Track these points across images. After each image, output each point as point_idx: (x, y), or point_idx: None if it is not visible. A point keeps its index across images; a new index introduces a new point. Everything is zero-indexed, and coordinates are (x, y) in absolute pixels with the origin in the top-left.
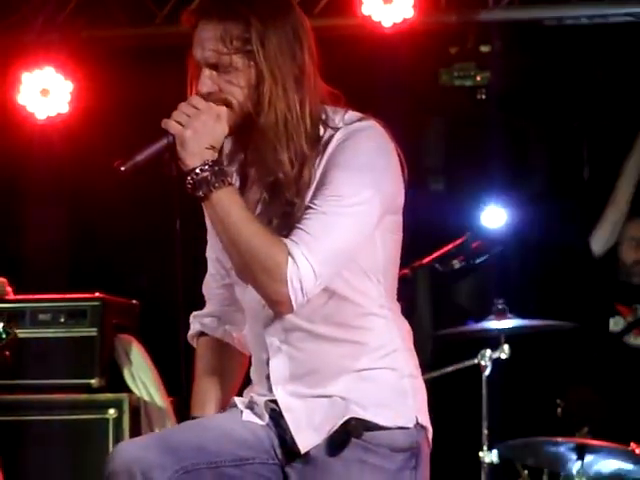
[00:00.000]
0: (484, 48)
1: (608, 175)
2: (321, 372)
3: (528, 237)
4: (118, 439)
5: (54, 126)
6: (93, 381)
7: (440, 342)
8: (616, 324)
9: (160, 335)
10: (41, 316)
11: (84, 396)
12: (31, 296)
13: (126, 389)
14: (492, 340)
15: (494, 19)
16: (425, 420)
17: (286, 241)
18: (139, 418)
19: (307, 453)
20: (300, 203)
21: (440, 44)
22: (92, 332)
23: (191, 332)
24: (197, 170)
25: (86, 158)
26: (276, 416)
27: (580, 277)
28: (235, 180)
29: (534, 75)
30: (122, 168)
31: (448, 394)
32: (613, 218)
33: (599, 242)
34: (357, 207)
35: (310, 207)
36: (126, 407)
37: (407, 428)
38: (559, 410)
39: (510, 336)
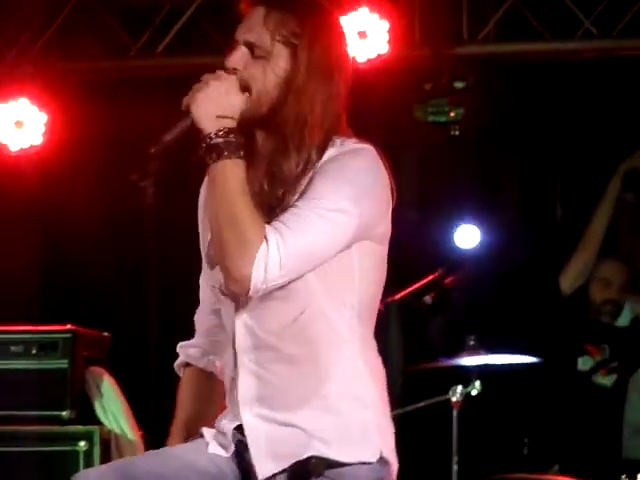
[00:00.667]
0: (458, 84)
1: (580, 214)
2: (287, 396)
3: (500, 271)
4: None
5: (27, 158)
6: (64, 413)
7: (411, 377)
8: (584, 363)
9: (131, 367)
10: (12, 348)
11: (55, 428)
12: (2, 327)
13: (97, 421)
14: (463, 376)
15: (468, 54)
16: (390, 454)
17: (268, 226)
18: (110, 451)
19: None
20: (288, 202)
21: (414, 80)
22: (63, 364)
23: (177, 362)
24: (211, 135)
25: (59, 190)
26: (242, 448)
27: (550, 315)
28: None
29: (508, 111)
30: (152, 150)
31: (418, 430)
32: (583, 258)
33: (568, 281)
34: (334, 214)
35: (292, 206)
36: (97, 439)
37: (370, 463)
38: (525, 448)
39: (481, 372)
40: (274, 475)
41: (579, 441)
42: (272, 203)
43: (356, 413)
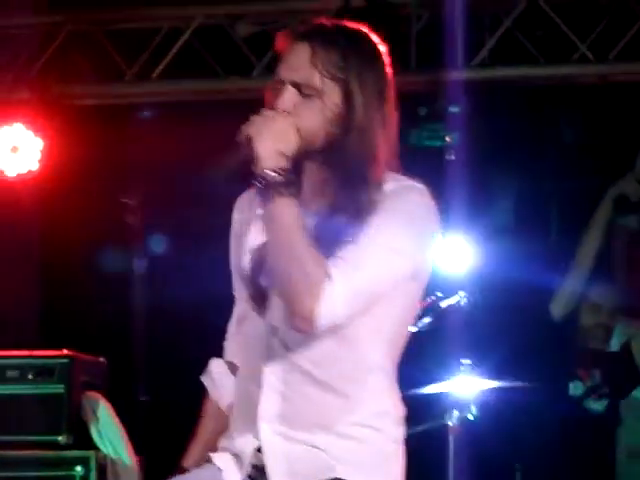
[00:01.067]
0: (454, 108)
1: (575, 238)
2: (312, 419)
3: (494, 293)
4: None
5: (24, 183)
6: (60, 438)
7: (406, 403)
8: (575, 388)
9: (127, 393)
10: (9, 372)
11: (51, 453)
12: None
13: (93, 446)
14: (458, 401)
15: (464, 79)
16: None
17: (328, 261)
18: (106, 476)
19: None
20: (346, 237)
21: (409, 105)
22: (60, 389)
23: (203, 377)
24: (269, 172)
25: (56, 214)
26: (257, 474)
27: (541, 339)
28: None
29: (504, 135)
30: (213, 174)
31: (414, 455)
32: (573, 284)
33: (558, 307)
34: (394, 254)
35: (352, 241)
36: (93, 464)
37: None
38: (518, 474)
39: (476, 397)
40: None
41: (572, 467)
42: (329, 238)
43: (379, 444)
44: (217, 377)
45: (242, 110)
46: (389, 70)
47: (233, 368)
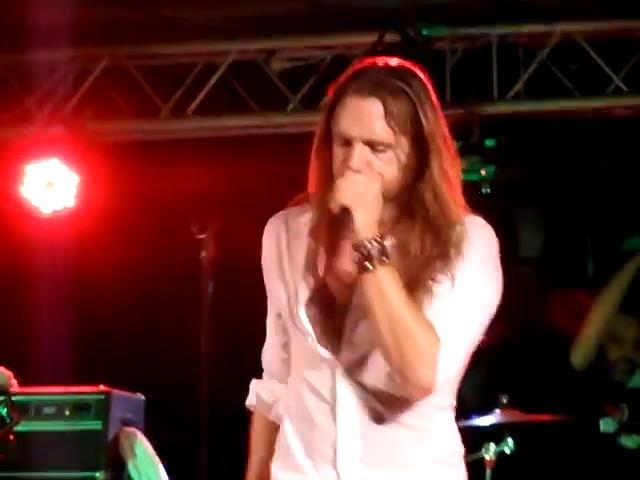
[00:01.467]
0: (489, 142)
1: (612, 272)
2: (393, 458)
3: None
4: None
5: (60, 220)
6: (98, 475)
7: None
8: (606, 425)
9: (166, 430)
10: (46, 409)
11: None
12: (36, 389)
13: None
14: (495, 434)
15: (498, 112)
16: None
17: (435, 326)
18: None
19: None
20: (427, 283)
21: None
22: (97, 425)
23: (248, 402)
24: (370, 243)
25: (91, 252)
26: None
27: (568, 375)
28: None
29: (539, 169)
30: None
31: None
32: (591, 335)
33: (578, 357)
34: (486, 312)
35: (453, 295)
36: None
37: None
38: None
39: (513, 431)
40: None
41: None
42: (420, 278)
43: (454, 478)
44: (267, 399)
45: (279, 144)
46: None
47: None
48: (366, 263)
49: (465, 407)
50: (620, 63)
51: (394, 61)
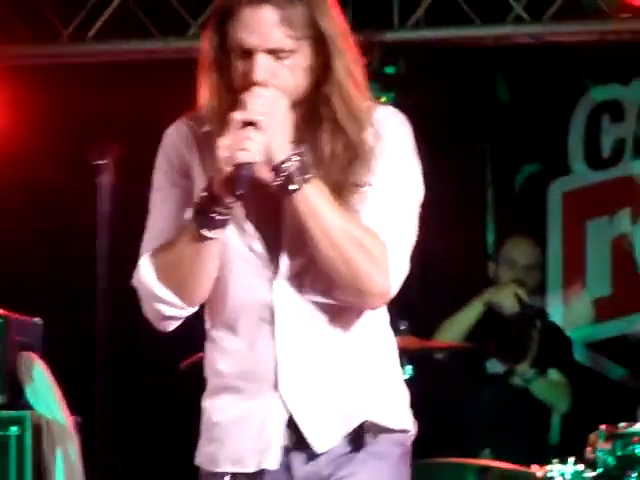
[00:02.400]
0: (389, 69)
1: (510, 196)
2: (336, 375)
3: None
4: (20, 457)
5: None
6: None
7: None
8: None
9: (64, 353)
10: None
11: None
12: None
13: (28, 407)
14: None
15: (399, 40)
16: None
17: (376, 230)
18: (41, 436)
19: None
20: (360, 180)
21: None
22: None
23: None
24: (287, 163)
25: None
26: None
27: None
28: None
29: (439, 96)
30: (238, 193)
31: None
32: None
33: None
34: (417, 200)
35: (382, 196)
36: (28, 425)
37: (406, 431)
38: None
39: (413, 357)
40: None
41: (509, 426)
42: (340, 183)
43: (396, 386)
44: None
45: (180, 69)
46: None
47: None
48: (289, 185)
49: None
50: None
51: None
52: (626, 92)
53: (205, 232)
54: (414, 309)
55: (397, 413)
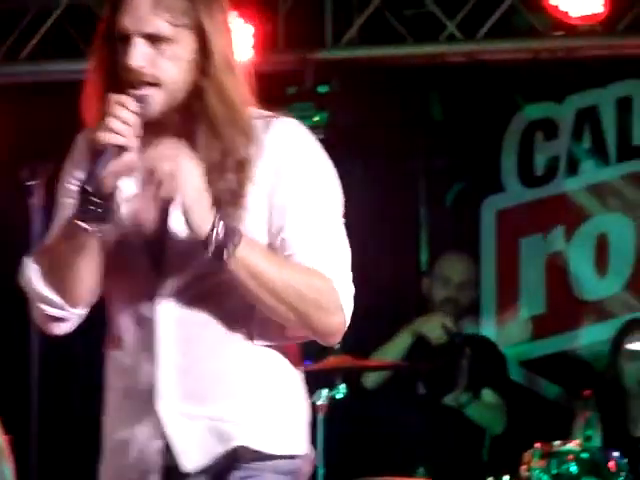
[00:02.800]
0: (322, 88)
1: (444, 218)
2: (216, 392)
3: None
4: None
5: None
6: None
7: None
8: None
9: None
10: None
11: None
12: None
13: None
14: (328, 379)
15: (332, 58)
16: (308, 446)
17: (316, 266)
18: None
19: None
20: (243, 190)
21: (278, 85)
22: None
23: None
24: (213, 233)
25: None
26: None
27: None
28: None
29: (372, 115)
30: (87, 188)
31: None
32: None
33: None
34: (339, 213)
35: (307, 224)
36: None
37: (295, 456)
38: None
39: (347, 375)
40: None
41: (442, 445)
42: (222, 195)
43: (282, 407)
44: None
45: None
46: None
47: None
48: (222, 256)
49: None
50: (454, 10)
51: None
52: (559, 110)
53: (82, 224)
54: (348, 328)
55: (281, 437)
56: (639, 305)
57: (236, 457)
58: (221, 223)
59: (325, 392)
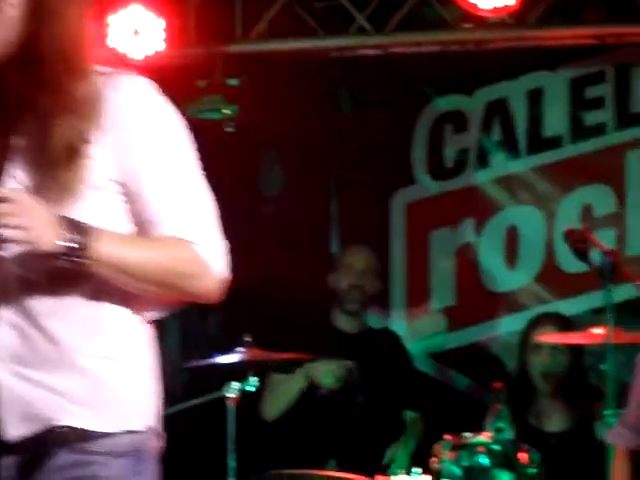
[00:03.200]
0: (232, 81)
1: (354, 212)
2: (53, 356)
3: (273, 268)
4: None
5: None
6: None
7: (188, 374)
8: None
9: None
10: None
11: None
12: None
13: None
14: (239, 372)
15: (242, 52)
16: (153, 419)
17: (180, 236)
18: None
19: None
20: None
21: (188, 77)
22: None
23: None
24: (62, 245)
25: None
26: None
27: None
28: None
29: (283, 108)
30: None
31: (195, 426)
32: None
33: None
34: (195, 169)
35: (165, 185)
36: None
37: (133, 431)
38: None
39: (258, 368)
40: (23, 441)
41: (352, 437)
42: (58, 157)
43: (117, 376)
44: None
45: None
46: None
47: None
48: (81, 263)
49: (209, 346)
50: (364, 2)
51: None
52: (469, 102)
53: None
54: (259, 321)
55: (114, 411)
56: (549, 297)
57: (58, 436)
58: (69, 236)
59: (236, 385)
